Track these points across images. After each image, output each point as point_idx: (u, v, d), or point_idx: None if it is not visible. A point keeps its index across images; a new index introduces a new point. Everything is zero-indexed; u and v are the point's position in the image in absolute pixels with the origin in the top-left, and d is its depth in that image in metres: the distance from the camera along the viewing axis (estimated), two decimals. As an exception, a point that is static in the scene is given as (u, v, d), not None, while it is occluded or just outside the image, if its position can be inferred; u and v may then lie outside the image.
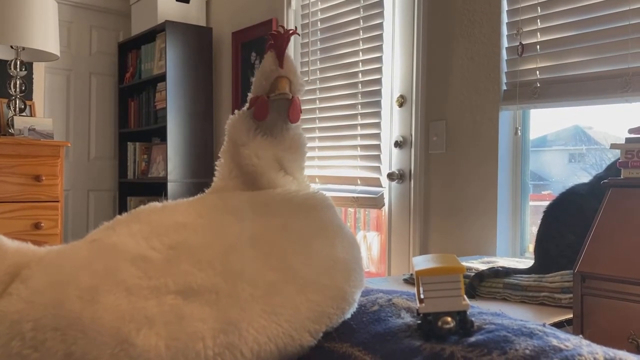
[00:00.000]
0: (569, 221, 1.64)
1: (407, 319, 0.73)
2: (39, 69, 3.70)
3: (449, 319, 0.64)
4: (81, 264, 0.70)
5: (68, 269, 0.69)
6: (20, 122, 2.91)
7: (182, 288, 0.67)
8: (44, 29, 2.86)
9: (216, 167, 0.92)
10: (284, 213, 0.79)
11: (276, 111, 0.90)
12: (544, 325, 0.68)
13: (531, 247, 2.16)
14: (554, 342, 0.61)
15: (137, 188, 4.01)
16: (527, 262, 1.83)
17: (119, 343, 0.62)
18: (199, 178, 3.59)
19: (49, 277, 0.68)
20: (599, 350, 0.61)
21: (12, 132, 2.88)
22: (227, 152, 0.91)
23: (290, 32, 0.91)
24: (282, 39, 0.90)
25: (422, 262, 0.71)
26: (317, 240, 0.77)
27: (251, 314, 0.67)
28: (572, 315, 1.38)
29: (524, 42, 2.11)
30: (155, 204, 0.82)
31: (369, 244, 3.02)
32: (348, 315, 0.77)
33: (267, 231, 0.76)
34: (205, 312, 0.66)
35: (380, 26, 2.65)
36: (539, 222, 1.74)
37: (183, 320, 0.65)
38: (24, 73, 2.99)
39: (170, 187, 3.48)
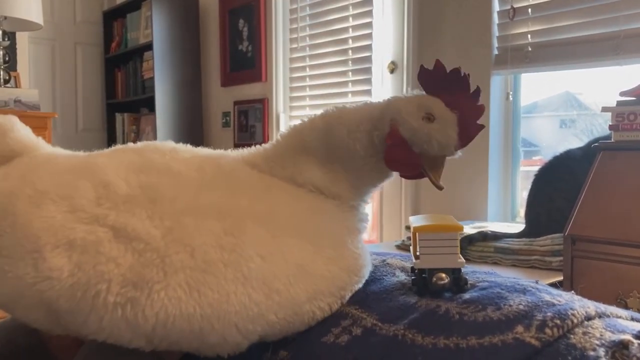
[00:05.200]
0: (560, 185, 1.65)
1: (402, 277, 0.73)
2: (22, 39, 3.61)
3: (444, 275, 0.64)
4: (54, 170, 0.72)
5: (42, 171, 0.72)
6: (5, 94, 2.86)
7: (118, 225, 0.64)
8: (26, -3, 2.78)
9: (273, 142, 0.76)
10: (281, 202, 0.70)
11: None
12: (536, 282, 0.69)
13: (522, 212, 2.17)
14: (547, 297, 0.61)
15: (126, 160, 3.98)
16: (518, 227, 1.85)
17: (33, 251, 0.63)
18: (189, 148, 3.57)
19: (24, 170, 0.73)
20: (591, 304, 0.62)
21: (-3, 103, 2.83)
22: (304, 144, 0.73)
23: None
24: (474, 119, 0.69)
25: (419, 221, 0.71)
26: (297, 240, 0.66)
27: (171, 281, 0.60)
28: (562, 278, 1.40)
29: (515, 6, 2.09)
30: (173, 146, 0.77)
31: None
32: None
33: (247, 211, 0.67)
34: (125, 258, 0.62)
35: (370, -9, 2.60)
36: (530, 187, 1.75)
37: (98, 256, 0.62)
38: (7, 43, 2.91)
39: (160, 158, 3.45)
